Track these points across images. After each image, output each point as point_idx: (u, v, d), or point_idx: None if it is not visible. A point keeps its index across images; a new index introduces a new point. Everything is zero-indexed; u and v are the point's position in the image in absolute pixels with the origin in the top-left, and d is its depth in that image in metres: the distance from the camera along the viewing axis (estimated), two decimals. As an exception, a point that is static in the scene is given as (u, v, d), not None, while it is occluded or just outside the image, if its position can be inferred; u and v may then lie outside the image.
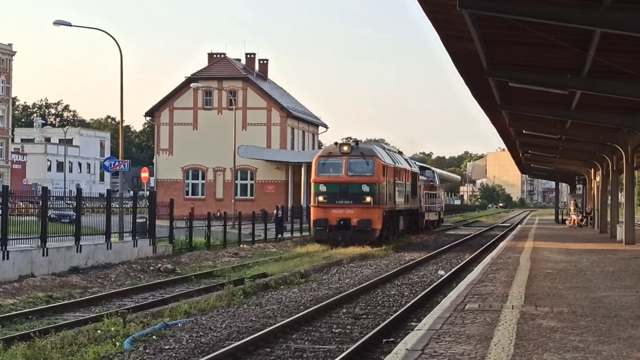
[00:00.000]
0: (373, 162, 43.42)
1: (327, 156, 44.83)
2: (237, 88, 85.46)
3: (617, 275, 22.24)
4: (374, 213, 42.79)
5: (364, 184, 42.82)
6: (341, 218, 42.65)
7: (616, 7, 16.00)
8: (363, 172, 43.31)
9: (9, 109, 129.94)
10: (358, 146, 44.66)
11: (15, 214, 31.63)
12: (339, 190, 43.15)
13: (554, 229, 60.55)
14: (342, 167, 43.34)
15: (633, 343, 11.67)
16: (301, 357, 15.02)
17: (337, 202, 43.04)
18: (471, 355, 10.75)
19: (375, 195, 42.74)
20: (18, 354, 14.25)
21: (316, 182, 44.23)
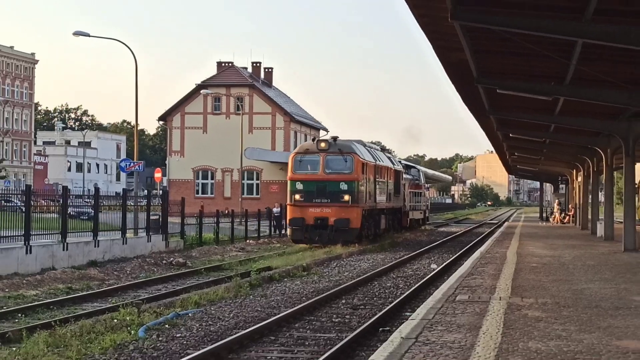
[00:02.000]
0: (352, 159, 39.30)
1: (304, 153, 40.74)
2: (244, 94, 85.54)
3: (597, 269, 22.24)
4: (352, 212, 38.74)
5: (342, 182, 38.86)
6: (318, 217, 38.54)
7: (596, 19, 16.01)
8: (341, 170, 39.26)
9: (32, 114, 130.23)
10: (336, 143, 40.47)
11: (38, 212, 31.63)
12: (316, 188, 39.06)
13: (539, 226, 60.53)
14: (319, 164, 39.32)
15: (612, 332, 11.68)
16: (303, 344, 15.03)
17: (314, 201, 38.97)
18: (462, 343, 10.76)
19: (354, 194, 38.83)
20: (40, 341, 14.26)
21: (292, 180, 40.13)
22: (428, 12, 17.88)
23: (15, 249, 27.01)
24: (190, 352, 13.67)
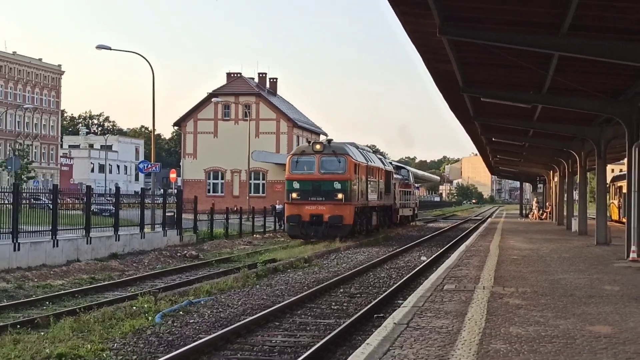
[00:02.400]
0: (345, 160, 38.44)
1: (300, 154, 39.86)
2: (251, 102, 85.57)
3: (572, 261, 22.24)
4: (345, 209, 37.94)
5: (336, 181, 37.99)
6: (313, 214, 37.90)
7: (571, 34, 16.02)
8: (335, 170, 38.31)
9: (59, 120, 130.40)
10: (330, 145, 40.11)
11: (64, 209, 31.69)
12: (312, 187, 38.22)
13: (519, 222, 60.55)
14: (314, 164, 38.53)
15: (585, 318, 11.71)
16: (305, 329, 15.04)
17: (309, 199, 38.18)
18: (449, 328, 10.78)
19: (347, 192, 37.98)
20: (66, 326, 14.28)
21: (289, 180, 39.45)
22: (418, 28, 17.90)
23: (43, 242, 27.05)
24: (202, 336, 13.70)
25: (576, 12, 14.49)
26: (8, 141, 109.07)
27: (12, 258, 25.00)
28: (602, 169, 32.35)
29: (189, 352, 12.24)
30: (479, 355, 9.03)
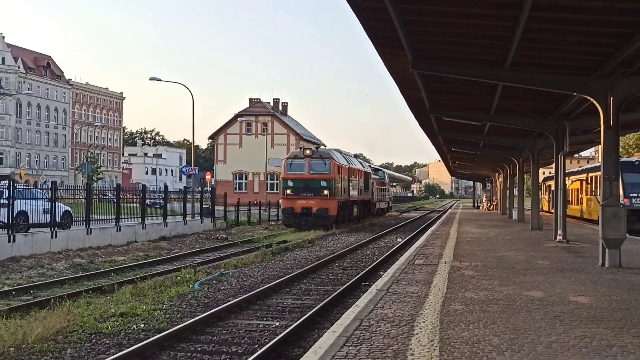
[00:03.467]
0: (329, 162, 36.80)
1: (293, 158, 37.93)
2: (268, 121, 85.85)
3: (512, 242, 22.28)
4: (330, 203, 36.28)
5: (322, 180, 36.35)
6: (304, 207, 36.27)
7: (512, 69, 16.03)
8: (321, 171, 36.55)
9: (121, 135, 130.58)
10: (318, 150, 38.88)
11: (125, 202, 31.77)
12: (303, 185, 36.62)
13: (472, 213, 60.56)
14: (305, 166, 36.84)
15: (523, 285, 11.74)
16: (309, 294, 15.08)
17: (301, 195, 36.51)
18: (419, 293, 10.81)
19: (332, 189, 36.41)
20: (126, 292, 14.32)
21: (285, 179, 37.68)
22: (395, 64, 17.92)
23: (109, 228, 27.12)
24: (230, 299, 13.73)
25: (515, 52, 14.52)
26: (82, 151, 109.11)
27: (85, 240, 25.08)
28: (536, 171, 32.40)
29: (220, 311, 12.27)
30: (442, 313, 9.06)
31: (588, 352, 6.98)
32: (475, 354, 6.83)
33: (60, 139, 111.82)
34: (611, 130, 15.02)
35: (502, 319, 8.68)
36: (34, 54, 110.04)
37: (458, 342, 7.33)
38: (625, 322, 8.51)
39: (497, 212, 57.47)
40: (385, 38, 14.92)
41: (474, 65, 16.88)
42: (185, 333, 10.62)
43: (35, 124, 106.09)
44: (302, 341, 10.15)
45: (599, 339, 7.58)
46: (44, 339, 9.89)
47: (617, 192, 15.04)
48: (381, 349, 7.09)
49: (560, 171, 23.10)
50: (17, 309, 12.88)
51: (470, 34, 14.54)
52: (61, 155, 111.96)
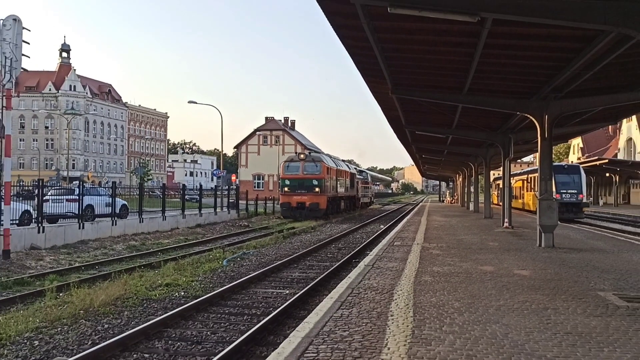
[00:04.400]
0: (320, 165, 35.40)
1: (290, 161, 36.21)
2: (279, 134, 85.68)
3: (469, 228, 22.26)
4: (320, 198, 34.84)
5: (314, 179, 34.86)
6: (299, 202, 34.83)
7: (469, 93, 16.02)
8: (313, 172, 35.01)
9: (166, 145, 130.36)
10: (310, 155, 37.25)
11: (169, 198, 31.77)
12: (298, 183, 35.04)
13: (439, 205, 60.46)
14: (300, 168, 35.28)
15: (478, 262, 11.72)
16: (312, 268, 15.06)
17: (296, 192, 34.96)
18: (397, 268, 10.79)
19: (322, 187, 34.95)
20: (170, 267, 14.32)
21: (283, 179, 36.00)
22: (380, 90, 17.90)
23: (157, 217, 27.10)
24: (251, 273, 13.73)
25: (472, 80, 14.51)
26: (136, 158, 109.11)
27: (138, 227, 25.06)
28: (488, 173, 32.35)
29: (243, 282, 12.26)
30: (415, 283, 9.05)
31: (529, 313, 6.97)
32: (441, 315, 6.83)
33: (119, 149, 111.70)
34: (546, 141, 15.04)
35: (462, 287, 8.67)
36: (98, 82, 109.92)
37: (428, 306, 7.33)
38: (557, 290, 8.51)
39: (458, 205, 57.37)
40: (371, 70, 14.91)
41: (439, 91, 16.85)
42: (216, 299, 10.62)
43: (99, 137, 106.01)
44: (307, 305, 10.14)
45: (537, 303, 7.57)
46: (106, 304, 9.89)
47: (551, 189, 15.04)
48: (368, 311, 7.09)
49: (507, 173, 23.11)
50: (86, 281, 12.90)
51: (436, 67, 14.53)
52: (119, 162, 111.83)
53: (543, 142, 15.03)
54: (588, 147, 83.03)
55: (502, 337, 5.84)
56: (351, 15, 10.09)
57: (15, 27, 16.49)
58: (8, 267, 15.04)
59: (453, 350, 5.39)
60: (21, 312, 9.60)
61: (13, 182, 18.06)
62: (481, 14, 8.67)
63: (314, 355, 5.28)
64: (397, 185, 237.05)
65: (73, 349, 7.62)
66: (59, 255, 17.59)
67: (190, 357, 7.32)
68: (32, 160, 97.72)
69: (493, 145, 28.43)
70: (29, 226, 19.46)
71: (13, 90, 16.76)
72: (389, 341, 5.69)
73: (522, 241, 16.50)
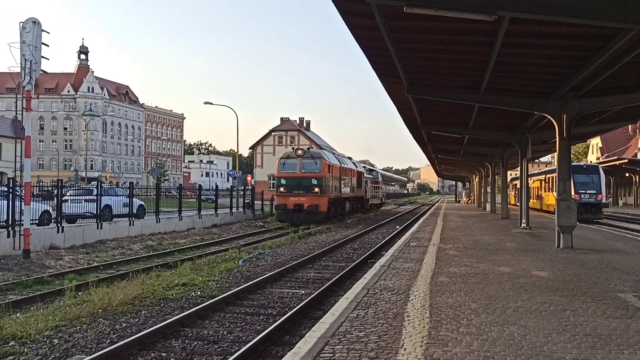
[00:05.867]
0: (320, 162, 31.57)
1: (286, 158, 32.58)
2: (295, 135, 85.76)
3: (486, 229, 22.10)
4: (320, 200, 31.02)
5: (313, 178, 31.10)
6: (296, 204, 31.13)
7: (486, 93, 15.90)
8: (312, 170, 31.30)
9: (182, 146, 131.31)
10: (309, 151, 33.67)
11: (185, 198, 31.98)
12: (295, 183, 31.42)
13: (454, 206, 60.15)
14: (297, 166, 31.65)
15: (495, 263, 11.63)
16: (327, 269, 15.06)
17: (293, 192, 31.29)
18: (413, 269, 10.74)
19: (322, 187, 31.18)
20: (187, 267, 14.42)
21: (278, 177, 32.41)
22: (395, 90, 17.85)
23: (173, 217, 27.30)
24: (266, 273, 13.77)
25: (488, 80, 14.40)
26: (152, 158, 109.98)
27: (155, 227, 25.27)
28: (505, 173, 32.10)
29: (259, 282, 12.30)
30: (431, 284, 9.00)
31: (547, 314, 6.90)
32: (458, 316, 6.78)
33: (136, 150, 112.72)
34: (564, 140, 14.88)
35: (479, 288, 8.61)
36: (116, 84, 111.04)
37: (444, 307, 7.28)
38: (576, 292, 8.41)
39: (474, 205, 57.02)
40: (386, 69, 14.87)
41: (456, 90, 16.75)
42: (232, 299, 10.67)
43: (117, 138, 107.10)
44: (322, 305, 10.14)
45: (555, 304, 7.49)
46: (124, 303, 9.98)
47: (569, 189, 14.87)
48: (384, 311, 7.06)
49: (524, 173, 22.91)
50: (104, 280, 13.03)
51: (452, 66, 14.45)
52: (136, 162, 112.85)
53: (561, 142, 14.86)
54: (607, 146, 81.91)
55: (520, 339, 5.79)
56: (366, 15, 10.07)
57: (34, 29, 16.72)
58: (28, 266, 15.26)
59: (470, 351, 5.35)
60: (41, 310, 9.73)
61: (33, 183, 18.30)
62: (498, 13, 8.60)
63: (330, 355, 5.28)
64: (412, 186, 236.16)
65: (92, 347, 7.70)
66: (77, 255, 17.81)
67: (207, 356, 7.36)
68: (51, 161, 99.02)
69: (510, 145, 28.19)
70: (48, 226, 19.72)
71: (33, 92, 17.01)
72: (406, 342, 5.66)
73: (540, 242, 16.33)
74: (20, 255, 16.23)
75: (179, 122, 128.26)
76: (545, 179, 38.69)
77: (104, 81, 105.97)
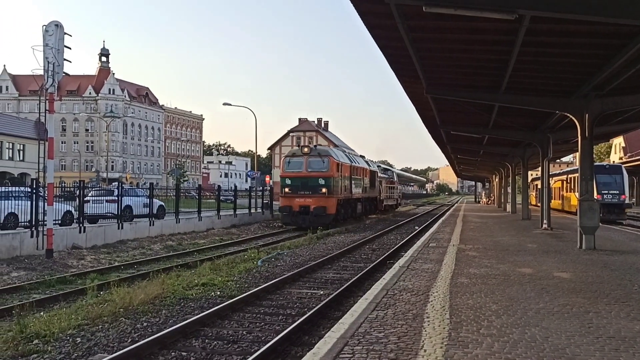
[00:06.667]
0: (328, 160, 29.27)
1: (292, 156, 30.42)
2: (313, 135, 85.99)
3: (506, 230, 21.89)
4: (328, 201, 28.73)
5: (320, 178, 28.89)
6: (302, 205, 28.85)
7: (506, 92, 15.77)
8: (319, 169, 29.09)
9: (201, 147, 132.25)
10: (316, 148, 31.24)
11: (204, 198, 32.19)
12: (301, 183, 29.23)
13: (474, 206, 59.65)
14: (303, 164, 29.48)
15: (516, 263, 11.52)
16: (346, 269, 15.03)
17: (299, 193, 29.10)
18: (432, 270, 10.69)
19: (330, 187, 28.91)
20: (206, 267, 14.49)
21: (283, 177, 30.04)
22: (414, 90, 17.79)
23: (193, 218, 27.49)
24: (285, 273, 13.80)
25: (509, 79, 14.28)
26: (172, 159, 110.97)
27: (175, 227, 25.48)
28: (525, 173, 31.78)
29: (278, 282, 12.34)
30: (451, 285, 8.95)
31: (569, 316, 6.82)
32: (478, 317, 6.73)
33: (156, 151, 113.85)
34: (587, 140, 14.67)
35: (499, 290, 8.53)
36: (136, 86, 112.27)
37: (464, 308, 7.24)
38: (599, 293, 8.29)
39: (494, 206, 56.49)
40: (405, 69, 14.82)
41: (475, 90, 16.64)
42: (251, 299, 10.71)
43: (137, 139, 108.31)
44: (341, 306, 10.13)
45: (578, 306, 7.39)
46: (145, 302, 10.09)
47: (592, 190, 14.67)
48: (404, 312, 7.04)
49: (545, 173, 22.64)
50: (125, 280, 13.18)
51: (472, 66, 14.35)
52: (156, 163, 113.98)
53: (583, 142, 14.66)
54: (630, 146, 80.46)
55: (542, 341, 5.72)
56: (385, 14, 10.05)
57: (57, 32, 17.00)
58: (51, 265, 15.51)
59: (491, 353, 5.31)
60: (64, 309, 9.87)
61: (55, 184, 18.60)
62: (519, 11, 8.51)
63: (349, 356, 5.28)
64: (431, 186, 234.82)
65: (114, 346, 7.80)
66: (99, 255, 18.05)
67: (227, 356, 7.40)
68: (73, 162, 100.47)
69: (531, 145, 27.90)
70: (70, 226, 20.01)
71: (55, 94, 17.29)
72: (425, 343, 5.64)
73: (561, 243, 16.12)
74: (44, 254, 16.50)
75: (198, 123, 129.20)
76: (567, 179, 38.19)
77: (125, 83, 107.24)
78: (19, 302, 10.58)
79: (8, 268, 14.68)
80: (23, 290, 12.34)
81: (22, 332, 8.04)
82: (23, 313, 8.88)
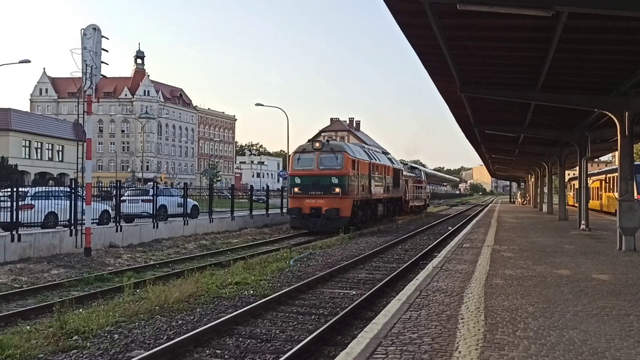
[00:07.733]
0: (342, 156, 25.98)
1: (301, 152, 26.99)
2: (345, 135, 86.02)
3: (543, 230, 21.47)
4: (342, 202, 25.52)
5: (333, 176, 25.72)
6: (313, 207, 25.85)
7: (543, 90, 15.49)
8: (333, 166, 25.89)
9: (234, 147, 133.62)
10: (329, 143, 27.57)
11: (237, 198, 32.47)
12: (311, 182, 26.06)
13: (509, 206, 58.67)
14: (314, 161, 26.26)
15: (553, 265, 11.31)
16: (378, 270, 14.98)
17: (309, 193, 26.05)
18: (466, 270, 10.57)
19: (345, 186, 25.67)
20: (239, 266, 14.60)
21: (292, 175, 27.20)
22: (447, 89, 17.63)
23: (226, 217, 27.78)
24: (317, 273, 13.81)
25: (545, 77, 14.02)
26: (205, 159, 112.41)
27: (209, 227, 25.79)
28: (562, 173, 31.15)
29: (310, 282, 12.37)
30: (486, 286, 8.84)
31: (609, 319, 6.65)
32: (514, 319, 6.63)
33: (189, 151, 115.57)
34: (627, 139, 14.29)
35: (536, 291, 8.38)
36: (170, 87, 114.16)
37: (500, 310, 7.14)
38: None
39: (529, 206, 55.43)
40: (438, 68, 14.70)
41: (510, 88, 16.39)
42: (284, 298, 10.77)
43: (171, 140, 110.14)
44: (374, 306, 10.10)
45: (617, 309, 7.21)
46: (180, 301, 10.24)
47: (632, 190, 14.28)
48: (437, 313, 6.98)
49: (583, 173, 22.12)
50: (160, 278, 13.41)
51: (507, 63, 14.14)
52: (190, 163, 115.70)
53: (623, 140, 14.28)
54: (673, 145, 78.03)
55: (580, 344, 5.60)
56: (418, 13, 9.99)
57: (95, 35, 17.42)
58: (89, 264, 15.91)
59: (528, 356, 5.22)
60: (102, 306, 10.11)
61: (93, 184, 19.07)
62: (556, 8, 8.36)
63: (383, 356, 5.27)
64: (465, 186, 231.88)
65: (150, 343, 7.95)
66: (135, 253, 18.42)
67: (260, 354, 7.47)
68: (109, 162, 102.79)
69: (568, 144, 27.31)
70: (107, 225, 20.48)
71: (93, 96, 17.73)
72: (460, 345, 5.58)
73: (600, 244, 15.74)
74: (82, 253, 16.94)
75: (230, 124, 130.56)
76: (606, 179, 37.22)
77: (159, 84, 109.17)
78: (59, 299, 10.87)
79: (48, 265, 15.13)
80: (63, 287, 12.69)
81: (62, 328, 8.26)
82: (63, 309, 9.12)
